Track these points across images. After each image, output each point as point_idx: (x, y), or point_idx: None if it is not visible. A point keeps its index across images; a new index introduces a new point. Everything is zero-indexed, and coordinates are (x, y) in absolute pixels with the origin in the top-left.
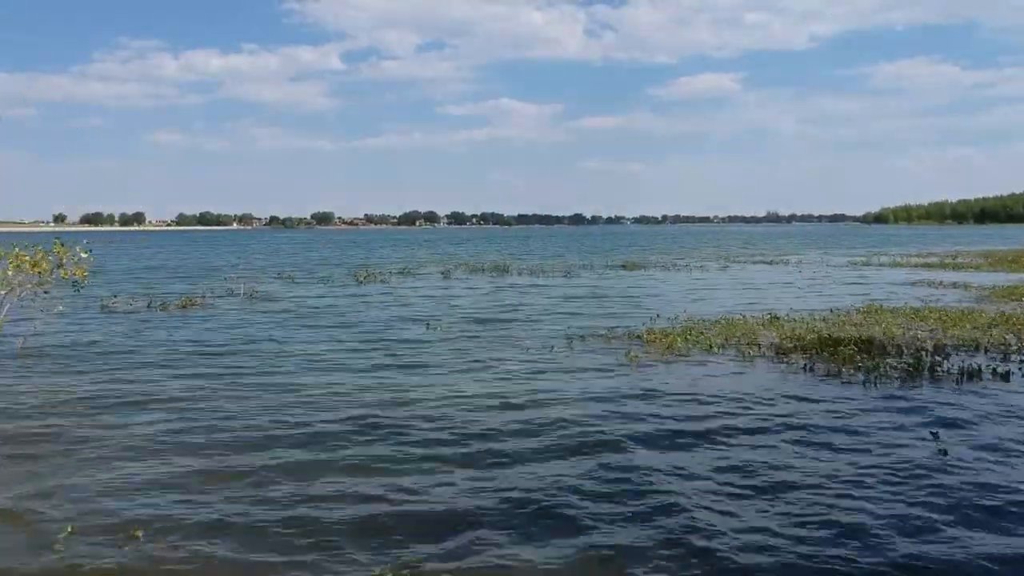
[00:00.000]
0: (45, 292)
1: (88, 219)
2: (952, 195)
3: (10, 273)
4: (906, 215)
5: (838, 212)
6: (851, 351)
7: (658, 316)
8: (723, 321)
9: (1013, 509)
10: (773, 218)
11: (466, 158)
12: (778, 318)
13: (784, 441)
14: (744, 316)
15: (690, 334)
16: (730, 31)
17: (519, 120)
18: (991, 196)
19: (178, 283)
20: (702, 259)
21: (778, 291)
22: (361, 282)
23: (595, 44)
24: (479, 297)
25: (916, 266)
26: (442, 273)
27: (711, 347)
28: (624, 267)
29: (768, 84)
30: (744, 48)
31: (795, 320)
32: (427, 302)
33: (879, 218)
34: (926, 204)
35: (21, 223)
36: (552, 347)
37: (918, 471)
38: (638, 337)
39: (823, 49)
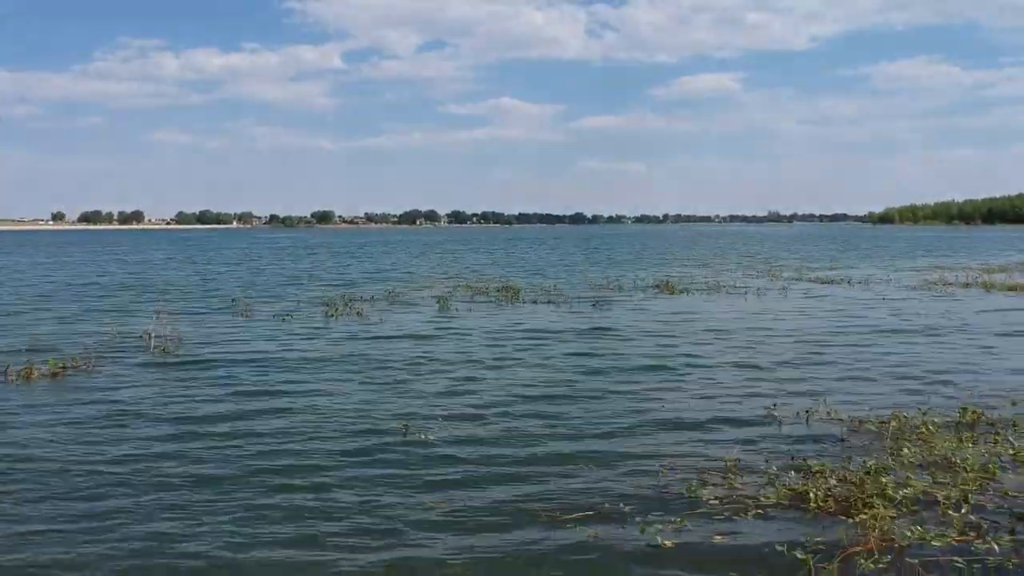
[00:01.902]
0: None
1: (86, 217)
2: (952, 195)
3: None
4: (912, 215)
5: (839, 212)
6: None
7: (776, 406)
8: (903, 426)
9: None
10: (774, 218)
11: (467, 157)
12: (983, 416)
13: None
14: (924, 416)
15: (882, 477)
16: (730, 31)
17: (520, 119)
18: (999, 196)
19: (94, 316)
20: (744, 273)
21: (902, 341)
22: (331, 316)
23: (596, 44)
24: (486, 359)
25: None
26: (437, 300)
27: (956, 533)
28: (661, 289)
29: (769, 84)
30: (744, 48)
31: (1012, 424)
32: (410, 370)
33: (884, 218)
34: (932, 204)
35: (21, 221)
36: (657, 529)
37: None
38: (793, 490)
39: (824, 49)
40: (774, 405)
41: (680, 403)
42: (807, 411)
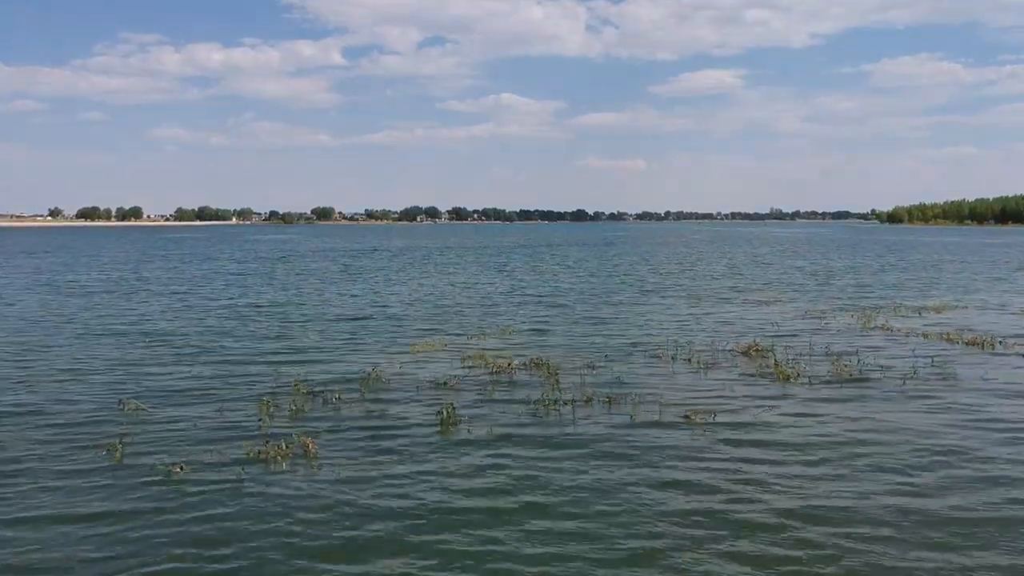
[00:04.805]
0: None
1: (84, 213)
2: (953, 193)
3: None
4: (921, 214)
5: (841, 210)
6: None
7: None
8: None
9: None
10: (776, 215)
11: (468, 154)
12: None
13: None
14: None
15: None
16: (731, 28)
17: (520, 116)
18: (1010, 195)
19: None
20: (834, 313)
21: None
22: (258, 458)
23: (596, 40)
24: None
25: None
26: (438, 414)
27: None
28: (751, 358)
29: (769, 81)
30: (745, 46)
31: None
32: None
33: (893, 217)
34: (942, 203)
35: (20, 217)
36: None
37: None
38: None
39: (824, 46)
40: None
41: None
42: None
